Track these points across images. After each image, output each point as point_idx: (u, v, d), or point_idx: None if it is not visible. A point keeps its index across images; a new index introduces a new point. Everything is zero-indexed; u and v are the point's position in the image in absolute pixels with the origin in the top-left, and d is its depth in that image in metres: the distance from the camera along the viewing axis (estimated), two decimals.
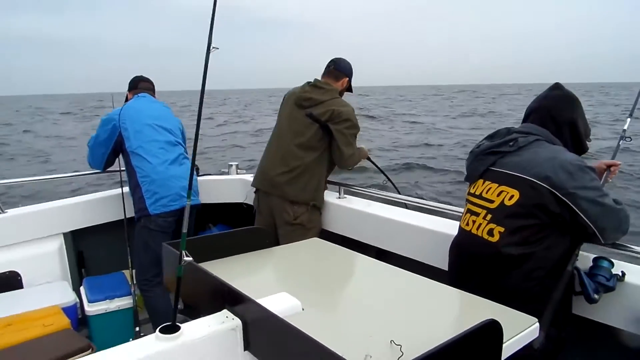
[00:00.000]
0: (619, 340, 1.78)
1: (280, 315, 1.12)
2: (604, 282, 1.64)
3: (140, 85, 2.91)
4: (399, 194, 2.94)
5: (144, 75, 3.01)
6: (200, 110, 1.14)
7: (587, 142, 1.85)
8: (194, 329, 1.13)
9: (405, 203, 2.70)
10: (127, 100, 2.88)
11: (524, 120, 1.87)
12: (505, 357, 1.12)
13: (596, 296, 1.61)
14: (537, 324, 1.24)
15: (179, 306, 1.22)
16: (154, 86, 2.99)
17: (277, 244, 2.05)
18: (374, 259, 1.71)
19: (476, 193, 1.78)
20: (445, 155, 12.75)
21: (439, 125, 20.82)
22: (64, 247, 2.89)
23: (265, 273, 1.68)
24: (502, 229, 1.65)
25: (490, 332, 1.05)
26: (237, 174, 3.45)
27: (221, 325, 1.15)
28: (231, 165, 3.48)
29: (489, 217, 1.69)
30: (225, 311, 1.21)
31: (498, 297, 1.37)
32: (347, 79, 2.77)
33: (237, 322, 1.17)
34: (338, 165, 2.75)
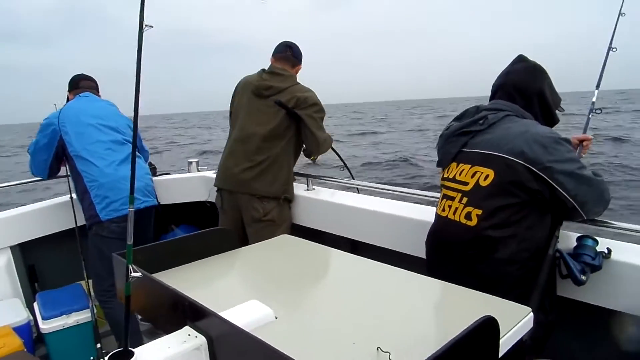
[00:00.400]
0: (608, 320, 1.73)
1: (251, 327, 0.99)
2: (590, 262, 1.57)
3: (81, 84, 2.69)
4: (353, 179, 2.85)
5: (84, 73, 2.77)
6: (137, 99, 0.97)
7: (558, 113, 1.79)
8: (151, 353, 0.98)
9: (377, 190, 2.60)
10: (67, 101, 2.67)
11: (492, 97, 1.79)
12: (503, 353, 1.02)
13: (583, 277, 1.55)
14: (532, 313, 1.14)
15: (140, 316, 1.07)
16: (97, 84, 2.77)
17: (246, 243, 1.91)
18: (350, 254, 1.59)
19: (450, 177, 1.70)
20: None
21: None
22: (13, 261, 2.66)
23: (233, 278, 1.53)
24: (479, 212, 1.57)
25: (487, 330, 0.94)
26: (198, 170, 3.27)
27: (183, 344, 1.01)
28: (191, 162, 3.31)
29: (464, 200, 1.61)
30: (187, 328, 1.06)
31: (480, 284, 1.27)
32: (300, 66, 2.64)
33: (201, 339, 1.02)
34: (314, 152, 2.63)
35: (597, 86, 2.25)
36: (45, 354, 2.45)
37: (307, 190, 2.71)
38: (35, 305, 2.54)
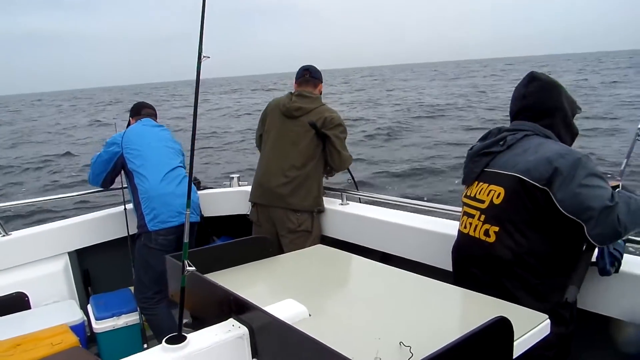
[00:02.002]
0: (621, 332, 1.75)
1: (287, 322, 1.11)
2: (619, 257, 1.61)
3: (143, 111, 3.04)
4: (357, 189, 2.96)
5: (145, 102, 3.16)
6: (194, 123, 1.13)
7: (575, 120, 1.80)
8: (201, 339, 1.13)
9: (406, 205, 2.70)
10: (129, 125, 3.01)
11: (512, 120, 1.83)
12: (517, 355, 1.11)
13: (611, 269, 1.59)
14: (548, 320, 1.22)
15: (186, 320, 1.21)
16: (155, 111, 3.12)
17: (281, 252, 2.05)
18: (378, 262, 1.70)
19: (470, 195, 1.78)
20: None
21: None
22: (70, 266, 2.89)
23: (270, 281, 1.68)
24: (496, 228, 1.63)
25: (500, 329, 1.04)
26: (239, 186, 3.45)
27: (228, 333, 1.15)
28: (232, 177, 3.49)
29: (482, 217, 1.68)
30: (231, 319, 1.20)
31: (503, 298, 1.35)
32: (321, 84, 2.85)
33: (244, 330, 1.16)
34: (336, 169, 2.81)
35: None
36: (97, 353, 2.64)
37: (342, 204, 2.83)
38: (89, 307, 2.75)
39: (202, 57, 1.13)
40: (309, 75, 2.79)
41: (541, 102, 1.73)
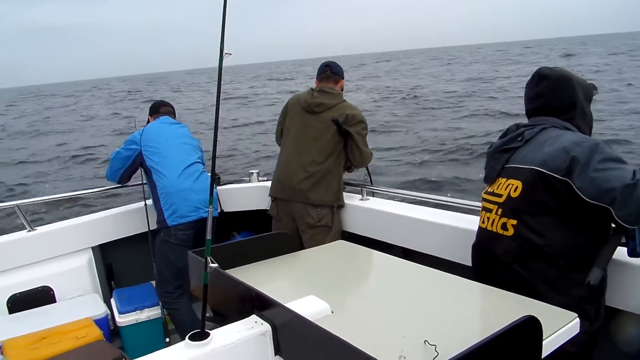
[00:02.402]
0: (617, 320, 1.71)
1: (310, 319, 1.10)
2: None
3: (161, 109, 3.08)
4: (372, 184, 2.93)
5: (164, 100, 3.21)
6: (217, 120, 1.13)
7: (591, 105, 1.76)
8: (224, 335, 1.13)
9: (428, 201, 2.66)
10: (148, 122, 3.05)
11: (530, 117, 1.81)
12: (546, 355, 1.08)
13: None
14: (577, 319, 1.19)
15: (207, 314, 1.22)
16: (174, 109, 3.16)
17: (302, 248, 2.05)
18: (401, 259, 1.68)
19: (490, 191, 1.76)
20: None
21: None
22: (93, 260, 2.94)
23: (292, 277, 1.67)
24: (514, 222, 1.61)
25: (529, 329, 1.01)
26: (259, 181, 3.46)
27: (250, 330, 1.15)
28: (252, 173, 3.50)
29: (500, 211, 1.67)
30: (254, 316, 1.20)
31: (523, 294, 1.32)
32: (343, 80, 2.83)
33: (267, 326, 1.16)
34: (357, 165, 2.80)
35: None
36: (120, 346, 2.68)
37: (362, 199, 2.82)
38: (112, 300, 2.80)
39: (224, 53, 1.13)
40: (330, 72, 2.78)
41: (555, 100, 1.71)
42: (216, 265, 1.15)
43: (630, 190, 1.43)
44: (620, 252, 1.72)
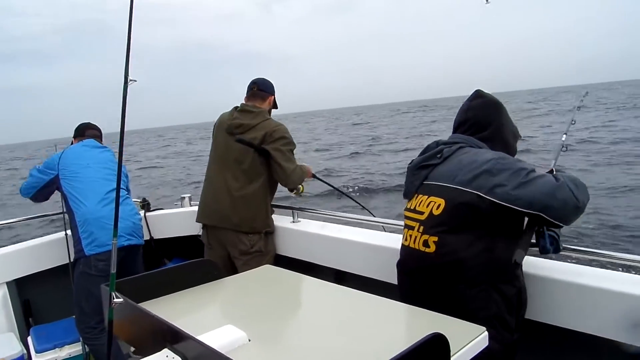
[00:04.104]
0: (574, 343, 1.80)
1: (225, 349, 1.07)
2: (557, 237, 1.67)
3: (87, 132, 2.95)
4: (358, 203, 2.95)
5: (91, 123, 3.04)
6: (121, 142, 1.10)
7: (516, 144, 1.89)
8: None
9: (360, 222, 2.70)
10: (71, 145, 2.90)
11: (454, 132, 1.91)
12: None
13: (551, 248, 1.65)
14: (486, 332, 1.24)
15: (130, 350, 1.16)
16: (101, 133, 3.02)
17: (235, 273, 2.00)
18: (324, 281, 1.68)
19: (410, 207, 1.81)
20: None
21: None
22: (8, 296, 2.74)
23: (213, 306, 1.63)
24: (435, 238, 1.66)
25: (436, 345, 1.04)
26: (191, 205, 3.38)
27: None
28: (183, 197, 3.42)
29: (421, 228, 1.71)
30: (165, 350, 1.16)
31: (447, 309, 1.36)
32: (272, 96, 2.74)
33: None
34: (283, 184, 2.70)
35: (565, 133, 2.49)
36: None
37: (293, 222, 2.81)
38: (29, 339, 2.61)
39: (128, 80, 1.12)
40: (257, 89, 2.69)
41: (483, 116, 1.82)
42: (121, 300, 1.10)
43: (560, 192, 1.55)
44: (539, 266, 1.83)
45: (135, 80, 1.12)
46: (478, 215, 1.61)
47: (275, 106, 2.80)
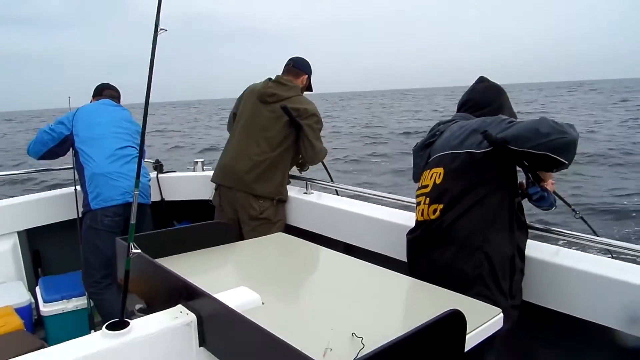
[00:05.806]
0: (571, 328, 1.79)
1: (238, 310, 1.07)
2: (552, 201, 1.75)
3: (104, 92, 2.94)
4: (332, 181, 2.93)
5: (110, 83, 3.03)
6: (147, 97, 1.07)
7: None
8: (145, 325, 1.07)
9: (372, 197, 2.68)
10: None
11: (457, 111, 2.01)
12: (470, 348, 1.10)
13: (535, 195, 1.73)
14: (501, 314, 1.23)
15: (140, 305, 1.16)
16: (119, 94, 3.00)
17: (241, 239, 2.00)
18: (338, 252, 1.68)
19: (419, 186, 1.87)
20: None
21: None
22: (19, 246, 2.77)
23: (226, 268, 1.63)
24: (441, 206, 1.71)
25: (453, 322, 1.03)
26: (203, 170, 3.37)
27: (174, 320, 1.10)
28: (197, 162, 3.40)
29: (427, 200, 1.77)
30: (179, 306, 1.15)
31: (450, 274, 1.40)
32: (307, 76, 2.79)
33: (192, 317, 1.11)
34: (309, 161, 2.77)
35: None
36: (44, 337, 2.53)
37: (306, 193, 2.80)
38: (38, 289, 2.64)
39: (159, 29, 1.08)
40: (292, 65, 2.76)
41: (485, 98, 1.94)
42: (139, 251, 1.09)
43: (541, 125, 1.55)
44: (539, 249, 1.82)
45: (166, 30, 1.08)
46: (473, 172, 1.67)
47: (309, 88, 2.85)
